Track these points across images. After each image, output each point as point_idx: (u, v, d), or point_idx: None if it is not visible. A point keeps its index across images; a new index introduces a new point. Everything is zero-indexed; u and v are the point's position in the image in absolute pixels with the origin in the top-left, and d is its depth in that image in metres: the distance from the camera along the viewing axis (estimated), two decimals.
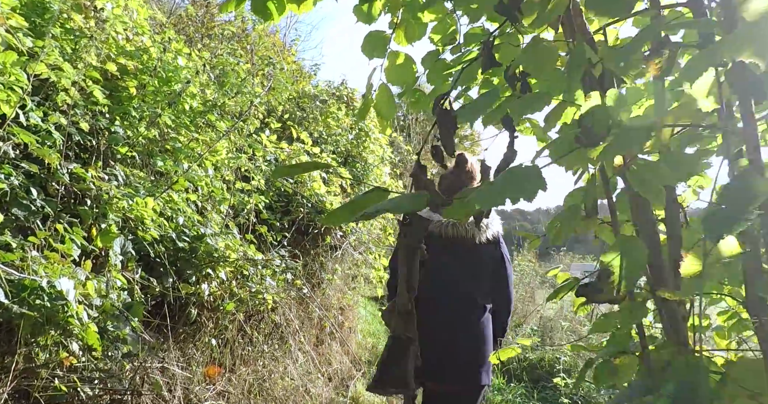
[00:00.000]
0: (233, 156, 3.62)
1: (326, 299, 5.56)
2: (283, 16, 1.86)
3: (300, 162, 4.41)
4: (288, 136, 5.46)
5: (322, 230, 4.93)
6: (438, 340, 2.56)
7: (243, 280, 3.80)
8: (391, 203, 0.84)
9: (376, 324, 8.21)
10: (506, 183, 0.81)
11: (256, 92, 3.90)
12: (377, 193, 0.94)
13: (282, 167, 0.99)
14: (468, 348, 2.64)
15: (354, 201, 0.97)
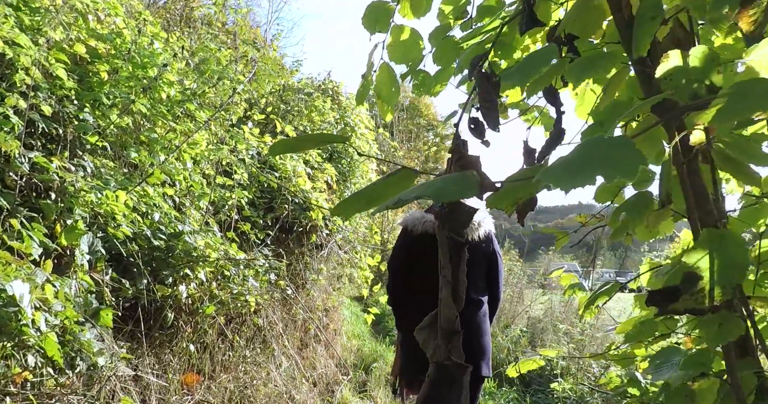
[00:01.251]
0: (214, 148, 3.38)
1: (311, 300, 5.32)
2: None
3: (299, 137, 4.17)
4: (271, 130, 5.21)
5: (308, 228, 4.70)
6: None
7: (224, 281, 3.56)
8: (432, 187, 0.62)
9: (360, 325, 7.99)
10: (591, 157, 0.59)
11: (239, 80, 3.65)
12: (404, 174, 0.73)
13: (281, 140, 0.77)
14: (467, 343, 2.55)
15: (373, 186, 0.75)
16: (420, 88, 2.00)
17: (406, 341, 2.78)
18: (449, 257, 0.69)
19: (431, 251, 2.58)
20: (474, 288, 2.71)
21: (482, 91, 0.85)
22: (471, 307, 2.69)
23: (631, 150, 0.59)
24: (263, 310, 4.14)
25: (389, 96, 1.88)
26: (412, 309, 2.71)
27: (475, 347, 2.65)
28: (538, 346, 5.90)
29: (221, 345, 3.77)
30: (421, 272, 2.63)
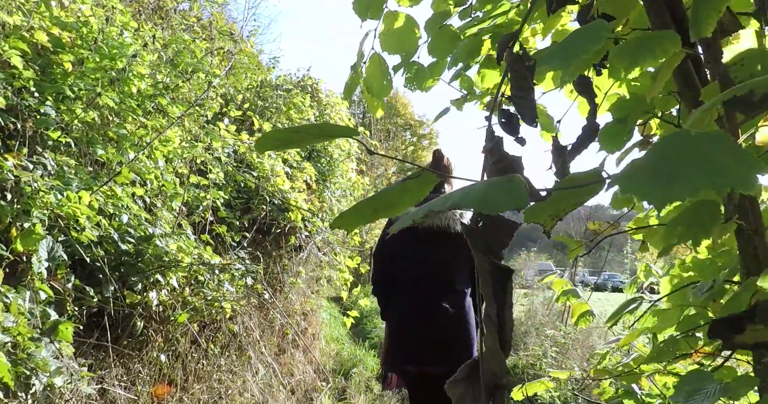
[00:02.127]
0: (187, 146, 3.18)
1: (289, 304, 5.14)
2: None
3: (293, 129, 3.98)
4: (248, 127, 5.01)
5: (286, 229, 4.51)
6: (419, 324, 2.71)
7: (198, 286, 3.36)
8: (472, 195, 0.47)
9: (339, 327, 7.82)
10: (686, 161, 0.44)
11: (215, 74, 3.45)
12: (425, 178, 0.57)
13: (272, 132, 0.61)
14: (449, 330, 2.72)
15: (385, 193, 0.60)
16: (413, 82, 1.85)
17: (393, 330, 2.85)
18: (492, 288, 0.54)
19: (413, 242, 2.72)
20: (459, 279, 2.77)
21: (516, 77, 0.70)
22: (455, 297, 2.75)
23: (741, 153, 0.44)
24: (239, 316, 3.95)
25: (380, 90, 1.72)
26: (397, 299, 2.81)
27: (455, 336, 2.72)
28: (521, 349, 5.81)
29: (194, 354, 3.58)
30: (404, 262, 2.78)
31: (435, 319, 2.72)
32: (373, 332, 8.35)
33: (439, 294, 2.74)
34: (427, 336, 2.71)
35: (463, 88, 2.27)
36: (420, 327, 2.72)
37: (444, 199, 0.49)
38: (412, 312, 2.76)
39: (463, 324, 2.76)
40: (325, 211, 5.39)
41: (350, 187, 6.37)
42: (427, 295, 2.75)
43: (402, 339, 2.79)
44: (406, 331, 2.78)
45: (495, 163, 0.57)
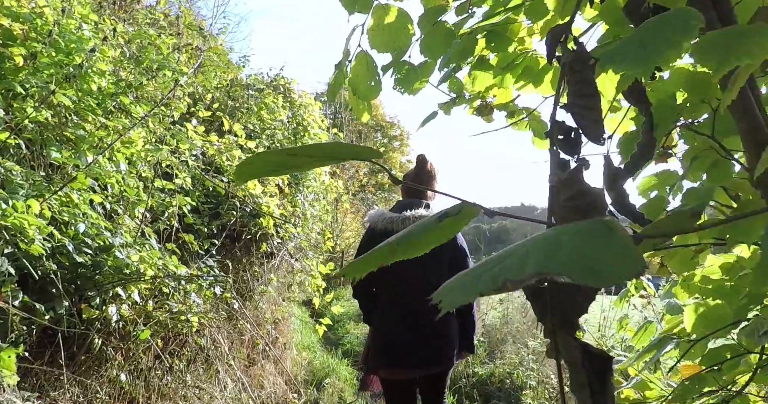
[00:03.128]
0: (152, 148, 2.95)
1: (259, 313, 4.92)
2: None
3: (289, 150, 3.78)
4: (218, 128, 4.79)
5: (257, 236, 4.31)
6: (402, 329, 2.75)
7: (162, 299, 3.15)
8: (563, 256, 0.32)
9: (309, 334, 7.60)
10: None
11: (182, 71, 3.23)
12: (466, 212, 0.41)
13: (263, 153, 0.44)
14: (431, 336, 2.76)
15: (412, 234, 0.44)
16: (402, 85, 1.69)
17: (375, 334, 2.88)
18: (588, 382, 0.38)
19: None
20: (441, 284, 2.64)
21: (577, 80, 0.55)
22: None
23: None
24: (207, 328, 3.73)
25: (367, 92, 1.55)
26: (379, 304, 2.86)
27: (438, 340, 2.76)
28: (497, 358, 5.70)
29: (158, 370, 3.35)
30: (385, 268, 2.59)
31: (417, 325, 2.75)
32: (345, 338, 8.17)
33: (421, 300, 2.67)
34: (409, 342, 2.74)
35: (452, 91, 2.12)
36: (403, 332, 2.75)
37: (521, 262, 0.33)
38: (395, 317, 2.79)
39: (444, 330, 2.79)
40: (297, 216, 5.20)
41: (323, 190, 6.19)
42: (409, 301, 2.77)
43: (385, 344, 2.81)
44: (388, 336, 2.80)
45: (571, 199, 0.42)
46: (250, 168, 0.45)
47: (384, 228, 2.76)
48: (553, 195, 0.45)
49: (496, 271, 0.33)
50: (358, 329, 8.63)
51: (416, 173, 3.02)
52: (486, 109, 2.14)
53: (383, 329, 2.85)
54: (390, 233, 2.68)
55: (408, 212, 2.78)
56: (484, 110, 2.15)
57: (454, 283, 0.37)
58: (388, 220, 2.78)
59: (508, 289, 0.31)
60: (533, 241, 0.35)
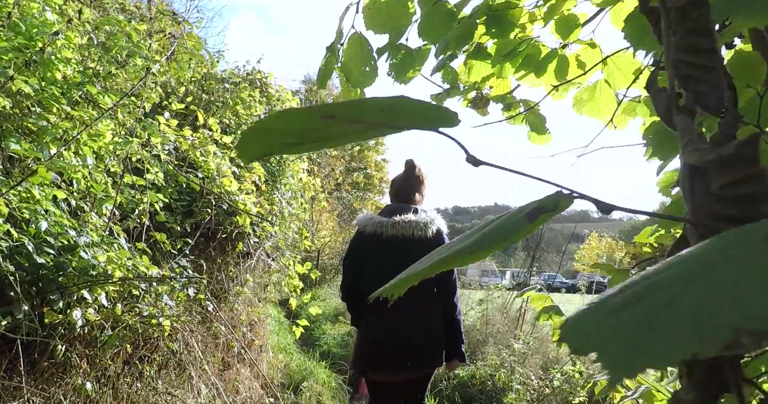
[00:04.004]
0: (121, 141, 2.77)
1: (234, 314, 4.75)
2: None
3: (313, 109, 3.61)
4: (192, 122, 4.60)
5: (233, 235, 4.13)
6: (390, 332, 2.79)
7: (132, 301, 2.96)
8: None
9: (286, 335, 7.42)
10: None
11: (154, 59, 3.03)
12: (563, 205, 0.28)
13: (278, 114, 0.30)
14: (419, 338, 2.80)
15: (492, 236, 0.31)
16: (396, 72, 1.56)
17: (363, 336, 2.91)
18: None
19: (381, 251, 2.82)
20: (428, 287, 2.86)
21: (688, 32, 0.42)
22: (424, 304, 2.83)
23: None
24: (179, 332, 3.55)
25: (360, 77, 1.41)
26: (367, 307, 2.85)
27: (423, 342, 2.80)
28: (478, 359, 5.61)
29: (127, 376, 3.17)
30: (373, 270, 2.86)
31: (405, 328, 2.79)
32: (322, 339, 8.01)
33: (408, 303, 2.62)
34: (396, 345, 2.78)
35: (445, 82, 2.00)
36: (390, 335, 2.79)
37: (744, 299, 0.20)
38: (383, 320, 2.82)
39: (432, 333, 2.84)
40: (274, 214, 5.03)
41: (301, 188, 6.02)
42: (396, 304, 2.63)
43: (372, 347, 2.85)
44: (376, 339, 2.84)
45: (735, 185, 0.30)
46: (261, 140, 0.31)
47: (373, 232, 2.83)
48: (697, 182, 0.32)
49: (710, 318, 0.19)
50: (335, 330, 8.48)
51: (405, 178, 3.09)
52: (481, 101, 2.02)
53: (371, 332, 2.88)
54: (379, 236, 2.83)
55: (398, 216, 2.85)
56: (480, 102, 2.02)
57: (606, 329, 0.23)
58: (378, 224, 2.84)
59: (740, 346, 0.18)
60: (739, 262, 0.22)
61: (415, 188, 3.07)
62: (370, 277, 2.86)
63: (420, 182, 3.10)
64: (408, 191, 3.06)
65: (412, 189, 3.07)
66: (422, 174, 3.12)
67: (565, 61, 1.64)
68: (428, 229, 2.84)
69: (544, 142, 2.13)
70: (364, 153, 29.93)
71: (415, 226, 2.82)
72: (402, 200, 3.04)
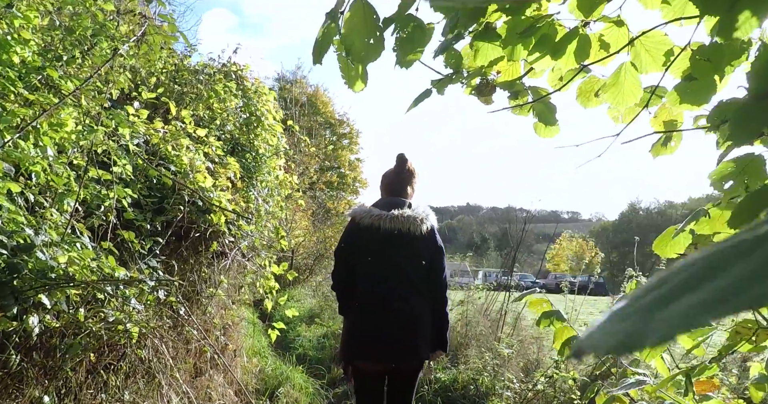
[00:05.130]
0: (85, 130, 2.52)
1: (207, 318, 4.50)
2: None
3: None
4: (163, 115, 4.34)
5: (207, 234, 3.90)
6: (379, 322, 2.85)
7: (97, 306, 2.72)
8: None
9: (260, 337, 7.17)
10: None
11: (122, 40, 2.77)
12: None
13: None
14: (407, 329, 2.85)
15: None
16: (402, 48, 1.37)
17: (352, 326, 2.96)
18: None
19: (376, 244, 2.91)
20: (419, 280, 2.92)
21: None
22: (414, 297, 2.89)
23: None
24: (149, 337, 3.31)
25: (363, 50, 1.22)
26: (358, 296, 2.93)
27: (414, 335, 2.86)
28: (460, 363, 5.46)
29: (90, 387, 2.92)
30: (367, 262, 2.92)
31: (395, 318, 2.84)
32: (297, 341, 7.78)
33: (399, 295, 2.87)
34: (384, 335, 2.84)
35: (448, 66, 1.82)
36: (379, 325, 2.85)
37: None
38: (373, 311, 2.87)
39: (420, 327, 2.89)
40: (250, 212, 4.80)
41: (277, 185, 5.79)
42: (388, 295, 2.86)
43: (360, 335, 2.91)
44: (365, 328, 2.90)
45: None
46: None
47: (370, 224, 2.89)
48: None
49: None
50: (310, 331, 8.26)
51: (397, 172, 3.15)
52: (487, 88, 1.85)
53: (360, 321, 2.92)
54: (377, 229, 2.89)
55: (396, 211, 2.92)
56: (485, 89, 1.85)
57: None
58: (376, 216, 2.89)
59: None
60: None
61: (407, 181, 3.13)
62: (364, 268, 2.93)
63: (412, 175, 3.16)
64: (401, 184, 3.12)
65: (405, 183, 3.13)
66: (413, 168, 3.18)
67: (586, 41, 1.47)
68: (423, 225, 2.92)
69: (552, 134, 1.97)
70: (338, 152, 29.72)
71: (412, 221, 2.89)
72: (394, 194, 3.10)
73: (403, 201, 3.02)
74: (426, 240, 2.95)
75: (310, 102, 27.96)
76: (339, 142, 30.90)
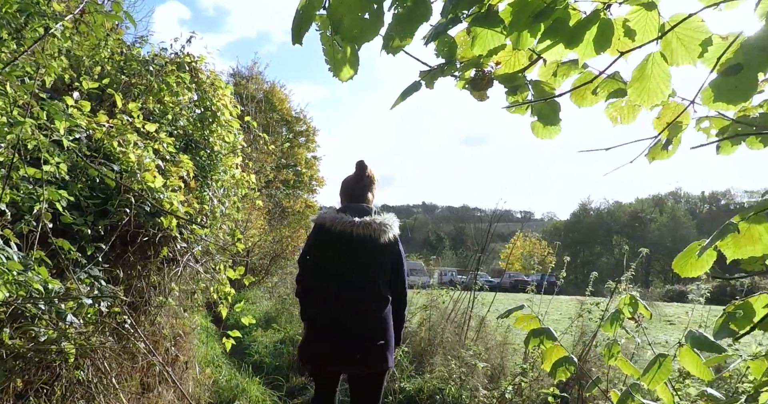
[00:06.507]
0: (11, 122, 2.17)
1: (156, 328, 4.15)
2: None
3: None
4: (109, 108, 3.97)
5: (157, 238, 3.56)
6: (344, 327, 2.91)
7: (25, 323, 2.38)
8: None
9: (213, 344, 6.80)
10: None
11: (56, 18, 2.42)
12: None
13: None
14: (371, 334, 2.93)
15: None
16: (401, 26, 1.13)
17: (315, 330, 3.00)
18: None
19: (342, 249, 2.95)
20: (384, 286, 3.02)
21: None
22: (380, 303, 2.98)
23: None
24: (88, 355, 2.96)
25: (356, 28, 1.00)
26: (322, 301, 2.98)
27: (381, 339, 2.93)
28: (426, 371, 5.25)
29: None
30: (332, 267, 2.97)
31: (359, 323, 2.92)
32: (252, 347, 7.43)
33: (363, 299, 2.95)
34: (349, 339, 2.89)
35: (440, 55, 1.59)
36: (344, 329, 2.90)
37: None
38: (338, 314, 2.92)
39: (385, 329, 2.96)
40: (205, 214, 4.46)
41: (234, 184, 5.46)
42: (357, 300, 2.93)
43: (324, 339, 2.94)
44: (328, 331, 2.93)
45: None
46: None
47: (342, 231, 2.91)
48: None
49: None
50: (267, 337, 7.92)
51: (357, 178, 3.20)
52: (483, 81, 1.62)
53: (324, 325, 2.95)
54: (349, 235, 2.91)
55: (368, 217, 2.97)
56: (480, 82, 1.62)
57: None
58: (349, 223, 2.92)
59: None
60: None
61: (367, 188, 3.19)
62: (334, 273, 2.96)
63: (372, 182, 3.22)
64: (362, 191, 3.18)
65: (366, 189, 3.19)
66: (373, 174, 3.24)
67: (608, 26, 1.26)
68: (390, 232, 2.99)
69: (552, 135, 1.77)
70: (295, 150, 29.24)
71: (382, 228, 2.95)
72: (355, 200, 3.15)
73: (370, 208, 3.10)
74: (391, 247, 3.03)
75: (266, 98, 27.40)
76: (296, 139, 30.45)
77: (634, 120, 1.81)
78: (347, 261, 2.94)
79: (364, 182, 3.18)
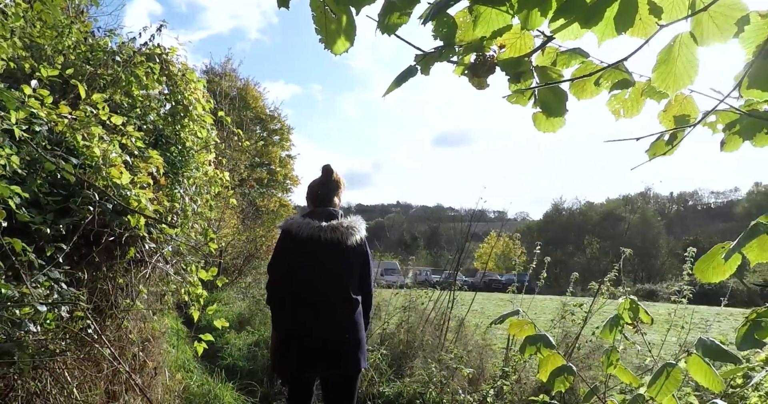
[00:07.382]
0: None
1: (123, 333, 3.93)
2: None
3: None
4: (74, 100, 3.74)
5: (123, 238, 3.34)
6: (314, 330, 2.91)
7: None
8: None
9: (184, 348, 6.55)
10: None
11: None
12: None
13: None
14: (343, 336, 2.94)
15: None
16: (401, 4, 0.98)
17: (287, 335, 2.99)
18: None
19: (310, 254, 2.96)
20: (353, 288, 3.03)
21: None
22: (351, 305, 3.00)
23: None
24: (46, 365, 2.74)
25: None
26: (292, 306, 2.99)
27: (353, 341, 2.96)
28: (406, 375, 5.11)
29: None
30: (301, 272, 2.97)
31: (331, 326, 2.93)
32: (226, 350, 7.20)
33: (334, 302, 2.96)
34: (321, 341, 2.91)
35: (438, 37, 1.44)
36: (316, 333, 2.90)
37: None
38: (309, 318, 2.93)
39: (357, 332, 2.99)
40: (176, 212, 4.25)
41: (207, 182, 5.24)
42: (323, 303, 2.95)
43: (297, 344, 2.93)
44: (301, 337, 2.92)
45: None
46: None
47: (310, 235, 2.94)
48: None
49: None
50: (240, 339, 7.68)
51: (323, 182, 3.22)
52: (484, 67, 1.47)
53: (294, 329, 2.95)
54: (317, 240, 2.94)
55: (335, 221, 3.00)
56: (481, 68, 1.48)
57: None
58: (316, 228, 2.95)
59: None
60: None
61: (334, 192, 3.22)
62: (303, 278, 2.96)
63: (338, 186, 3.25)
64: (328, 195, 3.19)
65: (332, 193, 3.20)
66: (339, 178, 3.27)
67: (631, 2, 1.13)
68: (357, 235, 3.03)
69: (555, 127, 1.64)
70: (268, 148, 28.89)
71: (350, 231, 2.98)
72: (322, 204, 3.17)
73: (337, 211, 3.12)
74: (359, 249, 3.05)
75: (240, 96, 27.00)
76: (270, 138, 30.10)
77: (638, 113, 1.69)
78: (316, 266, 2.95)
79: (330, 186, 3.21)
